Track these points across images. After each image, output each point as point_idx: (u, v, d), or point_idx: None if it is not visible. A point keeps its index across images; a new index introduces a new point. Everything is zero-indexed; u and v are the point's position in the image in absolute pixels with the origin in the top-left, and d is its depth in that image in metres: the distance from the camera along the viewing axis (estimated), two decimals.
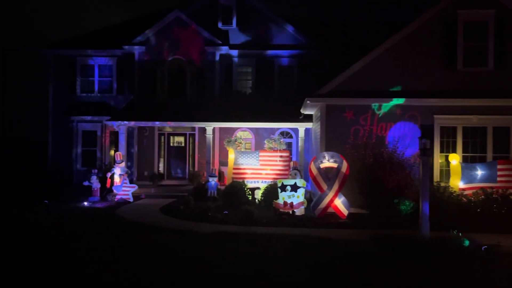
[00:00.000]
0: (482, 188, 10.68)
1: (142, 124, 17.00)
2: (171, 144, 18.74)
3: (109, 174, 14.87)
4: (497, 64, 12.07)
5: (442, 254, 7.53)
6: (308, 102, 12.68)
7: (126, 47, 18.04)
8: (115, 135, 18.04)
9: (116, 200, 14.19)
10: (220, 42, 18.00)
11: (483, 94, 12.00)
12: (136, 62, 18.20)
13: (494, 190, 10.43)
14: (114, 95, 18.79)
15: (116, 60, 18.77)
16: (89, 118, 18.32)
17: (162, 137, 18.62)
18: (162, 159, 18.61)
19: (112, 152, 18.49)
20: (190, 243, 8.25)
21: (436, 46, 12.26)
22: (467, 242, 8.05)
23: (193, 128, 18.27)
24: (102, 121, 18.09)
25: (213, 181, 14.01)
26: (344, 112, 12.42)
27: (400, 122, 12.28)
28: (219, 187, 14.19)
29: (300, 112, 15.45)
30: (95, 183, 14.40)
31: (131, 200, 14.25)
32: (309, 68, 18.17)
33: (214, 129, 17.45)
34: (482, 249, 7.72)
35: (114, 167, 14.94)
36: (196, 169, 18.06)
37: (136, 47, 18.04)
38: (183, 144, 18.66)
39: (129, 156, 17.79)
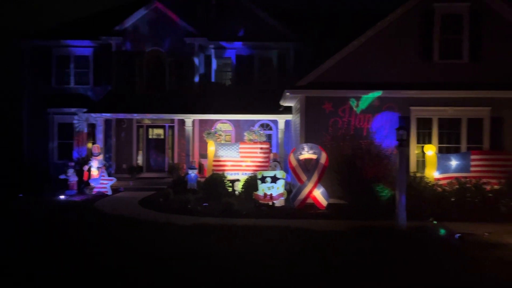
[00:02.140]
0: (456, 178, 10.97)
1: (120, 116, 16.74)
2: (150, 137, 18.52)
3: (86, 167, 14.66)
4: (472, 56, 12.32)
5: (417, 243, 7.70)
6: (287, 94, 12.70)
7: (103, 37, 17.64)
8: (92, 127, 17.73)
9: (93, 193, 13.99)
10: (200, 33, 17.77)
11: (458, 86, 12.24)
12: (113, 53, 17.83)
13: (467, 179, 10.73)
14: (91, 86, 18.39)
15: (92, 51, 18.35)
16: (65, 110, 17.89)
17: (141, 129, 18.38)
18: (141, 152, 18.38)
19: (89, 145, 18.15)
20: (170, 235, 8.20)
21: (413, 38, 12.42)
22: (442, 231, 8.27)
23: (172, 120, 18.09)
24: (79, 113, 17.72)
25: (192, 173, 13.94)
26: (323, 104, 12.50)
27: (378, 114, 12.43)
28: (199, 179, 14.13)
29: (280, 104, 15.47)
30: (72, 176, 14.16)
31: (109, 193, 14.07)
32: (290, 60, 18.17)
33: (193, 121, 17.31)
34: (456, 237, 7.94)
35: (91, 160, 14.73)
36: (175, 161, 17.92)
37: (113, 37, 17.64)
38: (162, 136, 18.47)
39: (107, 149, 17.50)
